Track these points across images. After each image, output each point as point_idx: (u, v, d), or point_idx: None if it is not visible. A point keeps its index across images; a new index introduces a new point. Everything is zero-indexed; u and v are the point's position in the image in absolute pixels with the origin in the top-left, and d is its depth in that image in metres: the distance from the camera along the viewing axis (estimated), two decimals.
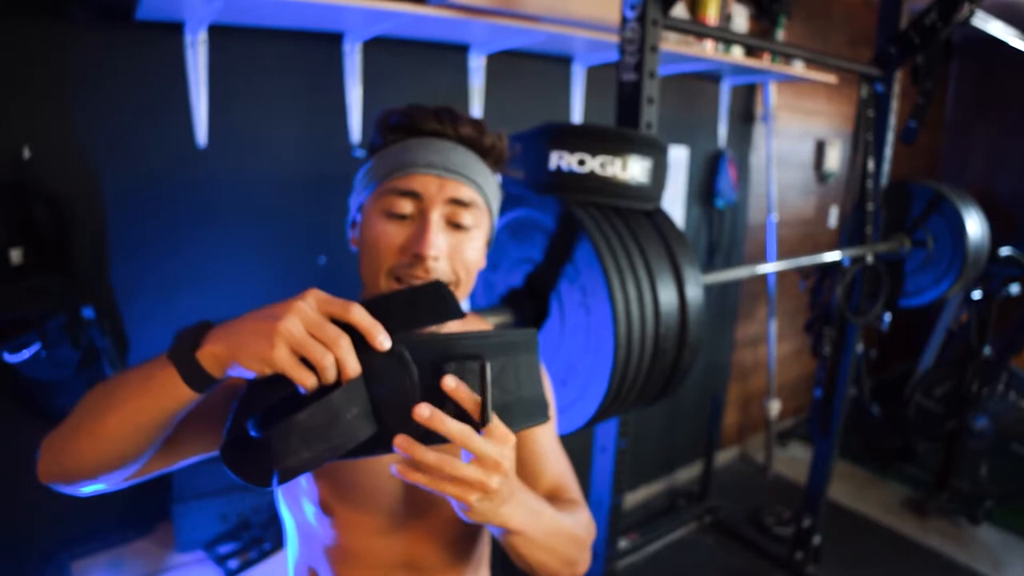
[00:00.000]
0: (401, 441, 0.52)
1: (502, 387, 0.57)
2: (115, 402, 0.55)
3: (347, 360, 0.51)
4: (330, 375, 0.51)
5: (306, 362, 0.51)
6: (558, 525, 0.68)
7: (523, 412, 0.59)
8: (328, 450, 0.51)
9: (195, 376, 0.52)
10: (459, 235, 0.68)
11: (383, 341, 0.52)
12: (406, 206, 0.66)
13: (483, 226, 0.72)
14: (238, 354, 0.51)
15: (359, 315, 0.52)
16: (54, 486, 0.60)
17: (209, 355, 0.52)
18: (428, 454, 0.52)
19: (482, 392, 0.53)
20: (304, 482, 0.74)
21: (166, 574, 1.37)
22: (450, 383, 0.53)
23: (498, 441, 0.54)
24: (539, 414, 0.61)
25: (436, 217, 0.66)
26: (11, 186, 1.24)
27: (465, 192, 0.68)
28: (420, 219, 0.66)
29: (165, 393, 0.53)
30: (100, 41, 1.30)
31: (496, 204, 0.75)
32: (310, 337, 0.50)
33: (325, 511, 0.72)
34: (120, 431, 0.55)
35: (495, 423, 0.54)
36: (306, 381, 0.50)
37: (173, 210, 1.45)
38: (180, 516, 1.40)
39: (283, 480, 0.51)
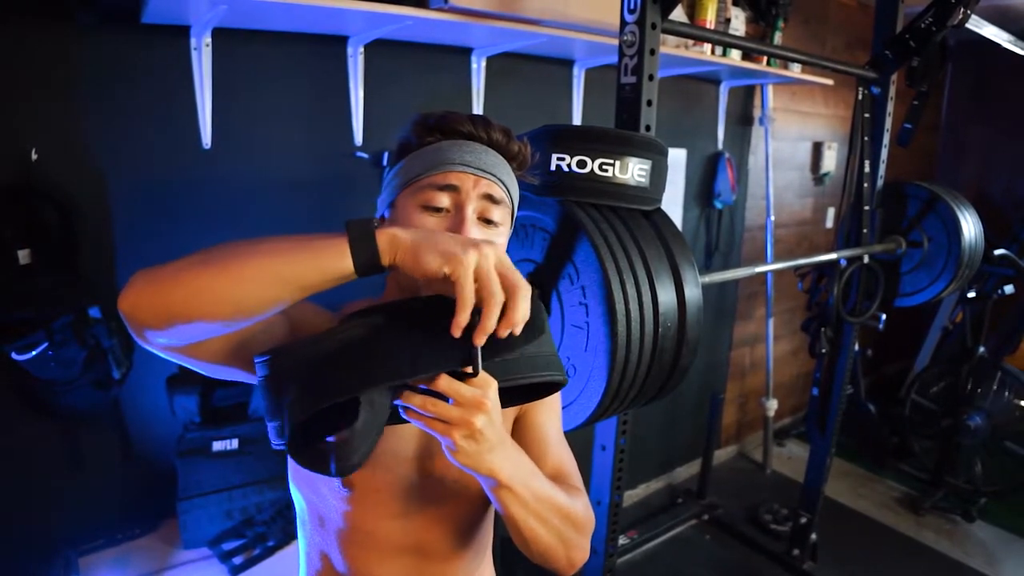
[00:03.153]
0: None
1: (526, 337, 0.61)
2: (266, 250, 0.55)
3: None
4: (490, 317, 0.53)
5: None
6: (551, 495, 0.69)
7: (547, 364, 0.63)
8: (377, 433, 0.57)
9: (366, 254, 0.53)
10: (488, 230, 0.72)
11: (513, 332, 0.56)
12: (443, 200, 0.70)
13: (506, 225, 0.75)
14: (426, 246, 0.54)
15: (524, 307, 0.55)
16: (131, 319, 0.57)
17: (389, 237, 0.54)
18: (415, 396, 0.57)
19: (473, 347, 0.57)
20: None
21: (171, 571, 1.38)
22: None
23: (479, 385, 0.58)
24: (560, 369, 0.65)
25: (471, 211, 0.70)
26: (19, 187, 1.26)
27: (496, 190, 0.72)
28: (456, 213, 0.70)
29: (325, 260, 0.54)
30: (106, 44, 1.32)
31: (516, 207, 0.78)
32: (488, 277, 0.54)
33: (344, 483, 0.74)
34: (258, 277, 0.54)
35: (480, 373, 0.58)
36: (466, 309, 0.53)
37: (178, 210, 1.46)
38: (185, 513, 1.41)
39: (355, 469, 0.56)
